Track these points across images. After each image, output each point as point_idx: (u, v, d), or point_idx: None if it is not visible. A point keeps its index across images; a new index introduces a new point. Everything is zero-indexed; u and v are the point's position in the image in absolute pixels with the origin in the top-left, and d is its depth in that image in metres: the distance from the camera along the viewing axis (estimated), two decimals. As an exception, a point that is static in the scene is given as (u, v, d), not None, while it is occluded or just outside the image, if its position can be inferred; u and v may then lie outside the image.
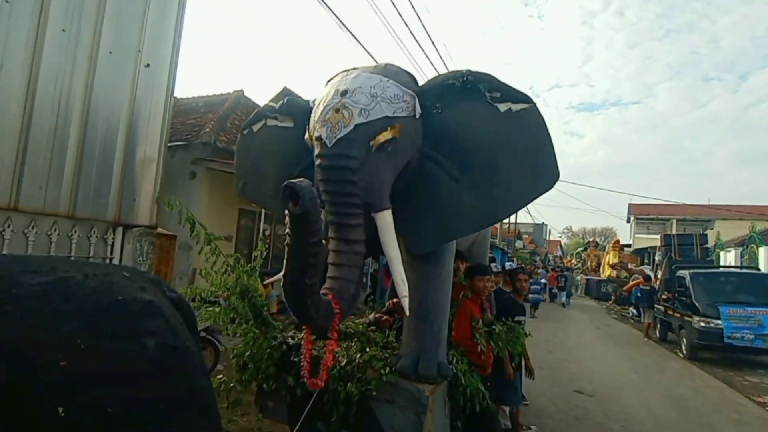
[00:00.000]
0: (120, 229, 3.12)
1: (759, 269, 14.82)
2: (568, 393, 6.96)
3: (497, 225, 22.39)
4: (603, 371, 8.70)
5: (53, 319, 0.85)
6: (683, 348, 11.01)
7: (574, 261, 46.71)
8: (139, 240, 3.22)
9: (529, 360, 4.95)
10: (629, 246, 30.99)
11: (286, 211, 2.33)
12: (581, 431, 5.43)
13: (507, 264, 6.28)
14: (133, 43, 3.06)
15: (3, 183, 2.44)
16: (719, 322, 9.89)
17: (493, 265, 6.10)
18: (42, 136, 2.60)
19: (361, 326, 4.44)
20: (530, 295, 12.40)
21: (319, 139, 3.01)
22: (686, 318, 10.91)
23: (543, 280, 19.85)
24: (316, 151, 3.05)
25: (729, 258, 19.47)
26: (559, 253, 56.04)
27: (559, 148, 3.30)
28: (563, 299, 22.22)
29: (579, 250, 47.64)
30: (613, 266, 28.41)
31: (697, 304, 10.53)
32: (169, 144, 7.69)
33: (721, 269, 13.99)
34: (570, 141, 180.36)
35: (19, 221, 2.53)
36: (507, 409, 4.87)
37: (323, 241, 2.69)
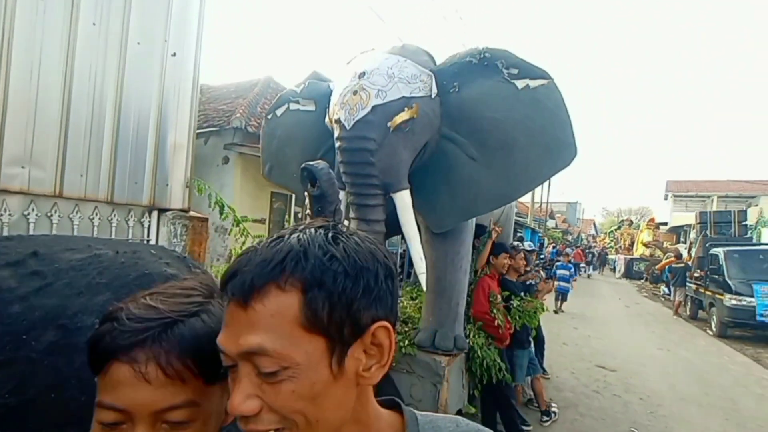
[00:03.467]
0: (155, 213, 3.28)
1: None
2: (591, 368, 7.04)
3: (528, 204, 22.10)
4: (628, 348, 8.69)
5: (89, 290, 1.01)
6: (713, 326, 10.90)
7: (606, 240, 45.79)
8: (173, 223, 3.39)
9: None
10: (666, 224, 30.01)
11: (305, 192, 2.47)
12: (600, 403, 5.50)
13: (526, 243, 6.23)
14: (159, 33, 3.18)
15: (48, 172, 2.66)
16: (752, 300, 9.75)
17: (527, 243, 6.20)
18: (80, 126, 2.79)
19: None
20: (557, 283, 11.43)
21: (338, 121, 3.08)
22: (717, 296, 10.78)
23: (572, 263, 16.19)
24: (336, 134, 3.13)
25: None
26: (593, 232, 55.00)
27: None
28: (589, 272, 26.97)
29: (612, 228, 46.57)
30: (646, 245, 27.76)
31: (729, 281, 10.37)
32: (201, 130, 7.84)
33: (759, 247, 13.50)
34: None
35: (65, 207, 2.76)
36: (529, 379, 4.99)
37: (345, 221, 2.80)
